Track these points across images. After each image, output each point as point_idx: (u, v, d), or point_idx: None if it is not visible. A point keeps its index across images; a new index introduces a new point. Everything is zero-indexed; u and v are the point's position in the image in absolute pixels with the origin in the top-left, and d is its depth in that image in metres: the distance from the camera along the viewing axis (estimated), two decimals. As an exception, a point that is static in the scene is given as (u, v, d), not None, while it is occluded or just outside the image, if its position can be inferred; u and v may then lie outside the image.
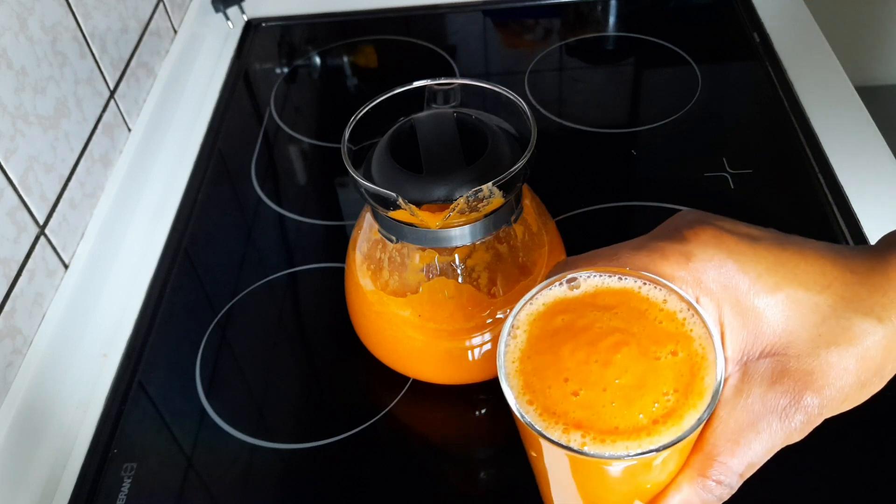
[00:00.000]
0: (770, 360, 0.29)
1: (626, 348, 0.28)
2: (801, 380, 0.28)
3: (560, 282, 0.30)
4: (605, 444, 0.26)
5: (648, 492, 0.30)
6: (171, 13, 0.79)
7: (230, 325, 0.56)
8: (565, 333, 0.28)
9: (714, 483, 0.30)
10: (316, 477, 0.47)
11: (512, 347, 0.29)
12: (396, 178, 0.42)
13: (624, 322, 0.28)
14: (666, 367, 0.27)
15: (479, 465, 0.48)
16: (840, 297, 0.29)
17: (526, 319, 0.29)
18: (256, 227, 0.64)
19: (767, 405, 0.29)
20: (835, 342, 0.28)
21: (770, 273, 0.29)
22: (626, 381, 0.27)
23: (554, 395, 0.27)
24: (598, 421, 0.26)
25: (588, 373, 0.27)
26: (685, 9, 0.86)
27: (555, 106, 0.73)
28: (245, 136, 0.73)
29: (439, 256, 0.44)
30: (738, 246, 0.29)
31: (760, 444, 0.29)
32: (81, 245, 0.59)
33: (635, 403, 0.27)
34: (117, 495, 0.47)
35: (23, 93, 0.53)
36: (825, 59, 0.73)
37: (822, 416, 0.29)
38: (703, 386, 0.27)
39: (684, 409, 0.27)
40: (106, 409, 0.52)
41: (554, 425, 0.27)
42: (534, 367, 0.28)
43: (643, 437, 0.26)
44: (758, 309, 0.29)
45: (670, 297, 0.29)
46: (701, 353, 0.28)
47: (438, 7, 0.87)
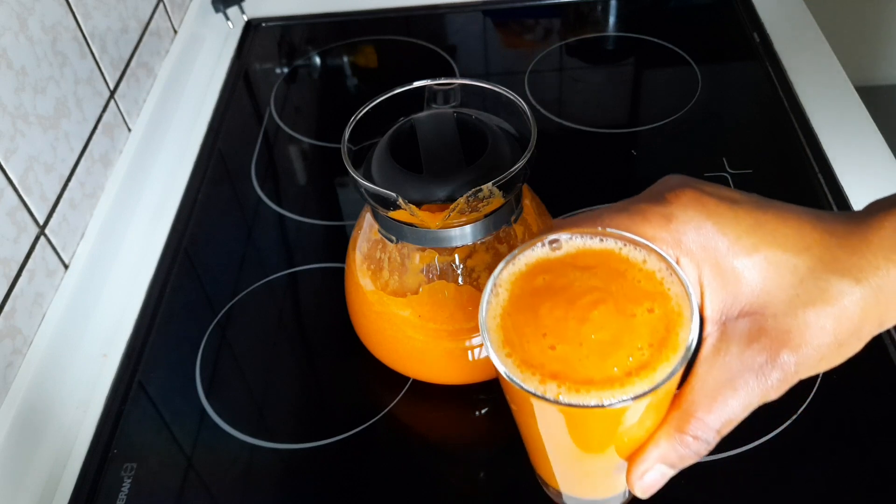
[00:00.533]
0: (748, 319, 0.30)
1: (603, 306, 0.28)
2: (778, 338, 0.29)
3: (542, 243, 0.31)
4: (580, 393, 0.27)
5: (626, 447, 0.31)
6: (171, 13, 0.79)
7: (230, 325, 0.56)
8: (545, 292, 0.29)
9: (691, 438, 0.30)
10: (316, 477, 0.47)
11: (494, 304, 0.30)
12: (396, 178, 0.42)
13: (602, 281, 0.29)
14: (642, 323, 0.28)
15: (479, 465, 0.48)
16: (818, 258, 0.29)
17: (508, 279, 0.30)
18: (256, 227, 0.64)
19: (745, 363, 0.29)
20: (812, 302, 0.29)
21: (749, 234, 0.29)
22: (602, 337, 0.28)
23: (532, 350, 0.28)
24: (574, 373, 0.27)
25: (565, 329, 0.28)
26: (685, 9, 0.86)
27: (555, 106, 0.73)
28: (245, 136, 0.73)
29: (439, 256, 0.44)
30: (717, 208, 0.30)
31: (737, 401, 0.30)
32: (81, 245, 0.59)
33: (610, 357, 0.27)
34: (117, 495, 0.47)
35: (23, 93, 0.53)
36: (825, 59, 0.73)
37: (798, 374, 0.30)
38: (678, 341, 0.28)
39: (658, 362, 0.27)
40: (106, 409, 0.52)
41: (531, 376, 0.27)
42: (514, 324, 0.29)
43: (616, 387, 0.27)
44: (736, 270, 0.29)
45: (650, 258, 0.30)
46: (677, 310, 0.28)
47: (438, 7, 0.87)
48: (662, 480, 0.32)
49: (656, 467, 0.31)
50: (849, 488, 0.44)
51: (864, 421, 0.47)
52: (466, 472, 0.47)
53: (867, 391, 0.48)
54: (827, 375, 0.48)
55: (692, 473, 0.44)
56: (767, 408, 0.47)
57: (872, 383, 0.48)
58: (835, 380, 0.48)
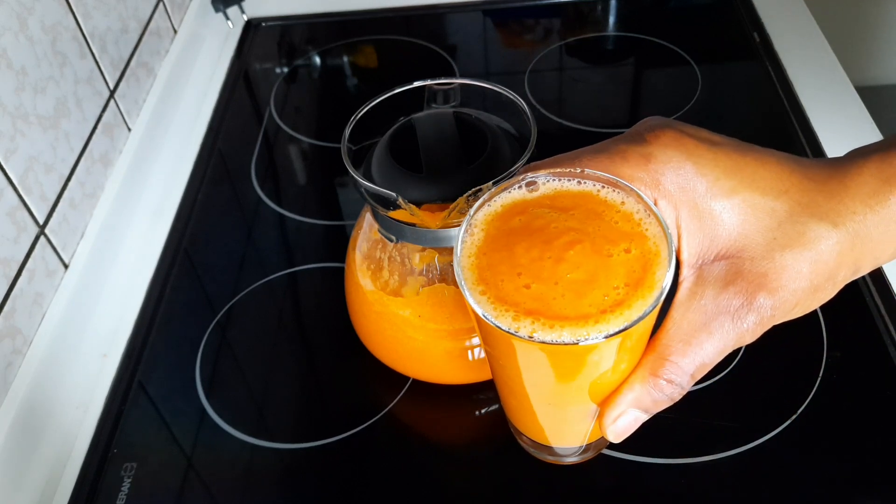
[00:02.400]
0: (725, 262, 0.29)
1: (579, 246, 0.28)
2: (755, 281, 0.29)
3: (519, 185, 0.30)
4: (554, 329, 0.26)
5: (599, 390, 0.31)
6: (171, 13, 0.79)
7: (230, 325, 0.56)
8: (521, 233, 0.29)
9: (665, 382, 0.30)
10: (316, 477, 0.47)
11: (468, 244, 0.29)
12: (396, 177, 0.42)
13: (579, 223, 0.29)
14: (618, 263, 0.28)
15: (479, 465, 0.48)
16: (796, 202, 0.29)
17: (483, 219, 0.30)
18: (256, 227, 0.64)
19: (720, 306, 0.29)
20: (789, 245, 0.29)
21: (728, 177, 0.29)
22: (578, 276, 0.27)
23: (506, 288, 0.28)
24: (548, 311, 0.27)
25: (541, 268, 0.28)
26: (685, 9, 0.86)
27: (555, 106, 0.73)
28: (245, 136, 0.73)
29: (439, 256, 0.44)
30: (697, 149, 0.29)
31: (712, 345, 0.29)
32: (81, 245, 0.59)
33: (586, 296, 0.27)
34: (117, 495, 0.47)
35: (23, 93, 0.53)
36: (825, 59, 0.73)
37: (773, 318, 0.29)
38: (654, 279, 0.27)
39: (633, 300, 0.27)
40: (106, 409, 0.52)
41: (504, 313, 0.27)
42: (489, 263, 0.28)
43: (591, 324, 0.26)
44: (714, 212, 0.29)
45: (628, 199, 0.29)
46: (654, 250, 0.28)
47: (438, 7, 0.87)
48: (635, 425, 0.31)
49: (629, 411, 0.31)
50: (849, 488, 0.44)
51: (864, 421, 0.47)
52: (466, 472, 0.47)
53: (867, 391, 0.48)
54: (827, 375, 0.48)
55: (692, 473, 0.44)
56: (767, 408, 0.47)
57: (872, 383, 0.48)
58: (835, 379, 0.48)
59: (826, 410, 0.47)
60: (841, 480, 0.44)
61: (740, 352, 0.50)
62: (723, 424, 0.47)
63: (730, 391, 0.48)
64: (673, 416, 0.48)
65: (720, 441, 0.46)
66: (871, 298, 0.52)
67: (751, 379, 0.49)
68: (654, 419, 0.48)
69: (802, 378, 0.48)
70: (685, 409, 0.49)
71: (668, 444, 0.46)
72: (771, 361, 0.50)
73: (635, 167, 0.29)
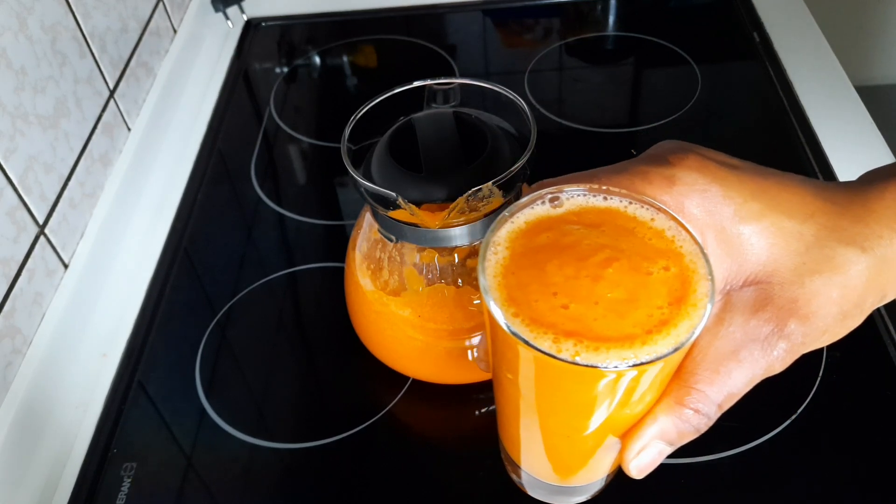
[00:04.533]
0: (753, 288, 0.29)
1: (616, 263, 0.26)
2: (785, 307, 0.28)
3: (542, 200, 0.29)
4: (599, 351, 0.25)
5: (625, 420, 0.29)
6: (171, 13, 0.79)
7: (230, 325, 0.56)
8: (550, 250, 0.27)
9: (692, 412, 0.29)
10: (316, 477, 0.47)
11: (493, 262, 0.27)
12: (396, 177, 0.42)
13: (612, 239, 0.27)
14: (658, 281, 0.26)
15: (479, 465, 0.48)
16: (822, 226, 0.28)
17: (507, 237, 0.28)
18: (256, 227, 0.64)
19: (749, 333, 0.28)
20: (818, 270, 0.28)
21: (755, 200, 0.28)
22: (618, 295, 0.26)
23: (541, 308, 0.26)
24: (589, 332, 0.25)
25: (578, 287, 0.26)
26: (685, 9, 0.86)
27: (555, 106, 0.73)
28: (245, 136, 0.73)
29: (439, 256, 0.44)
30: (721, 172, 0.29)
31: (741, 374, 0.28)
32: (81, 245, 0.59)
33: (628, 316, 0.25)
34: (117, 495, 0.47)
35: (22, 92, 0.53)
36: (825, 59, 0.73)
37: (804, 345, 0.28)
38: (697, 297, 0.26)
39: (678, 318, 0.25)
40: (106, 408, 0.52)
41: (543, 336, 0.25)
42: (518, 282, 0.27)
43: (637, 345, 0.25)
44: (742, 236, 0.28)
45: (658, 216, 0.28)
46: (692, 267, 0.27)
47: (438, 7, 0.87)
48: (659, 459, 0.30)
49: (653, 444, 0.29)
50: (848, 488, 0.43)
51: (864, 421, 0.47)
52: (466, 472, 0.47)
53: (867, 391, 0.48)
54: (827, 375, 0.48)
55: (692, 473, 0.44)
56: (767, 408, 0.47)
57: (872, 383, 0.48)
58: (835, 379, 0.48)
59: (826, 410, 0.47)
60: (841, 480, 0.44)
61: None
62: (723, 424, 0.47)
63: (730, 391, 0.48)
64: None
65: (720, 441, 0.46)
66: (871, 298, 0.52)
67: (751, 379, 0.49)
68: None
69: (802, 378, 0.48)
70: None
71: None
72: (771, 361, 0.50)
73: (658, 189, 0.29)
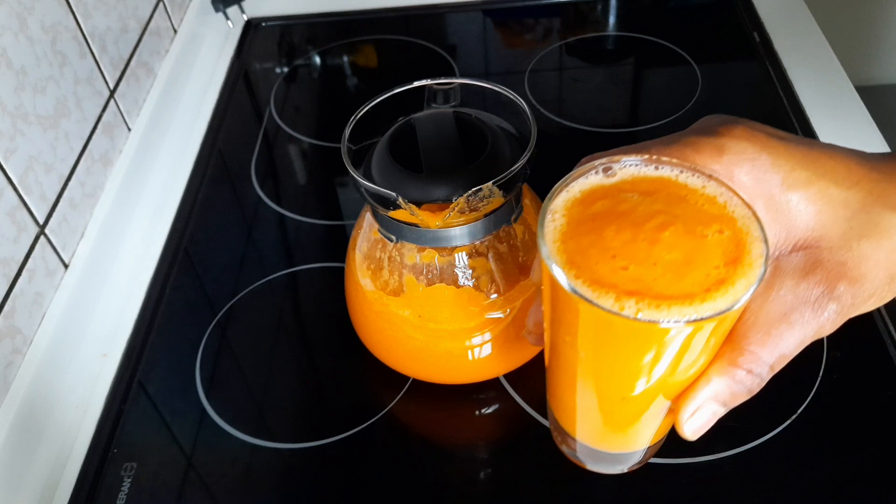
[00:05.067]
0: (802, 253, 0.30)
1: (672, 227, 0.27)
2: (834, 270, 0.29)
3: (595, 171, 0.30)
4: (660, 309, 0.26)
5: (680, 383, 0.30)
6: (171, 13, 0.79)
7: (230, 325, 0.56)
8: (607, 216, 0.28)
9: (745, 373, 0.29)
10: (316, 477, 0.47)
11: (551, 229, 0.28)
12: (396, 177, 0.42)
13: (666, 206, 0.28)
14: (713, 244, 0.27)
15: (479, 465, 0.48)
16: (868, 192, 0.29)
17: (563, 205, 0.29)
18: (256, 226, 0.64)
19: (800, 296, 0.29)
20: (866, 234, 0.29)
21: (802, 168, 0.29)
22: (675, 257, 0.27)
23: (602, 270, 0.27)
24: (650, 291, 0.26)
25: (636, 250, 0.27)
26: (685, 9, 0.86)
27: (555, 106, 0.73)
28: (245, 136, 0.73)
29: (439, 256, 0.44)
30: (769, 141, 0.30)
31: (792, 335, 0.29)
32: (81, 245, 0.59)
33: (686, 276, 0.26)
34: (117, 495, 0.47)
35: (23, 92, 0.53)
36: (825, 59, 0.73)
37: (853, 307, 0.29)
38: (752, 258, 0.27)
39: (735, 278, 0.26)
40: (106, 408, 0.52)
41: (605, 295, 0.26)
42: (577, 247, 0.28)
43: (696, 303, 0.26)
44: (790, 203, 0.29)
45: (709, 184, 0.29)
46: (746, 230, 0.28)
47: (438, 7, 0.87)
48: (713, 420, 0.31)
49: (707, 405, 0.30)
50: (849, 488, 0.43)
51: (864, 421, 0.47)
52: (466, 472, 0.47)
53: (867, 391, 0.48)
54: (827, 375, 0.48)
55: (692, 473, 0.44)
56: (767, 408, 0.47)
57: (872, 383, 0.48)
58: (835, 379, 0.48)
59: (826, 410, 0.47)
60: (841, 480, 0.44)
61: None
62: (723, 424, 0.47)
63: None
64: (673, 416, 0.48)
65: (720, 441, 0.46)
66: (871, 298, 0.52)
67: (751, 379, 0.49)
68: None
69: (802, 378, 0.48)
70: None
71: (669, 444, 0.46)
72: (771, 361, 0.50)
73: (708, 158, 0.29)
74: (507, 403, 0.49)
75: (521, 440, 0.48)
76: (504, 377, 0.51)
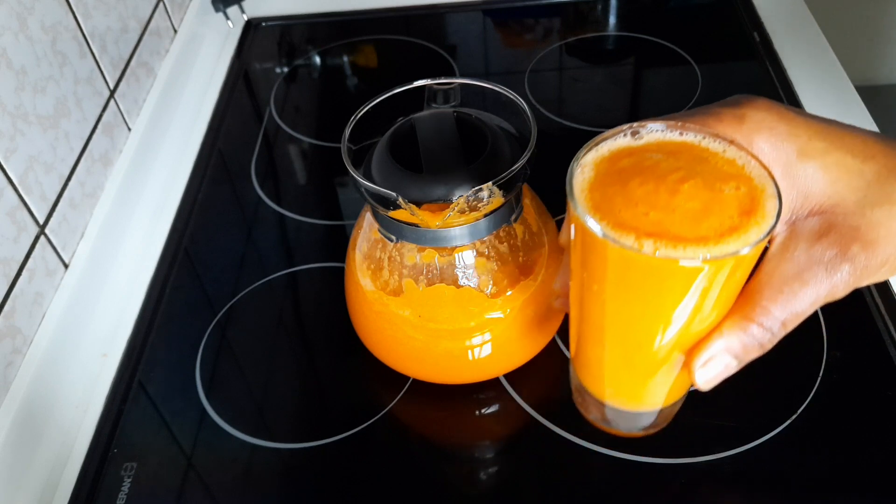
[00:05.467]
0: (818, 217, 0.31)
1: (692, 181, 0.29)
2: (848, 234, 0.30)
3: (623, 133, 0.32)
4: (676, 249, 0.28)
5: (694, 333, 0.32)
6: (171, 13, 0.79)
7: (230, 325, 0.56)
8: (632, 171, 0.30)
9: (756, 327, 0.31)
10: (316, 477, 0.47)
11: (580, 181, 0.31)
12: (396, 177, 0.42)
13: (688, 164, 0.30)
14: (730, 197, 0.29)
15: (479, 465, 0.48)
16: (883, 165, 0.31)
17: (592, 161, 0.31)
18: (256, 226, 0.64)
19: (814, 257, 0.31)
20: (879, 203, 0.30)
21: (819, 139, 0.31)
22: (694, 206, 0.29)
23: (624, 216, 0.29)
24: (668, 234, 0.28)
25: (657, 199, 0.29)
26: (685, 9, 0.86)
27: (555, 105, 0.73)
28: (245, 136, 0.73)
29: (439, 256, 0.44)
30: (788, 113, 0.31)
31: (805, 294, 0.31)
32: (81, 245, 0.59)
33: (702, 223, 0.28)
34: (117, 495, 0.47)
35: (23, 92, 0.53)
36: (825, 59, 0.73)
37: (866, 270, 0.31)
38: (765, 211, 0.29)
39: (748, 226, 0.28)
40: (106, 408, 0.52)
41: (626, 235, 0.28)
42: (603, 196, 0.30)
43: (710, 245, 0.28)
44: (808, 170, 0.31)
45: (729, 148, 0.31)
46: (761, 188, 0.29)
47: (438, 7, 0.87)
48: (725, 373, 0.32)
49: (720, 356, 0.32)
50: (848, 488, 0.44)
51: (864, 421, 0.47)
52: (466, 472, 0.47)
53: (867, 391, 0.48)
54: (827, 375, 0.48)
55: (692, 473, 0.44)
56: (767, 408, 0.47)
57: (872, 383, 0.48)
58: (835, 379, 0.48)
59: (826, 410, 0.47)
60: (841, 480, 0.44)
61: (740, 352, 0.50)
62: (723, 424, 0.47)
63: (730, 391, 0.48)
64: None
65: (720, 441, 0.46)
66: (871, 298, 0.52)
67: (751, 379, 0.49)
68: (655, 419, 0.48)
69: (802, 378, 0.48)
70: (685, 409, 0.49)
71: (669, 444, 0.46)
72: (771, 361, 0.50)
73: (729, 127, 0.31)
74: (507, 403, 0.49)
75: (521, 440, 0.48)
76: (504, 377, 0.51)
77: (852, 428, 0.46)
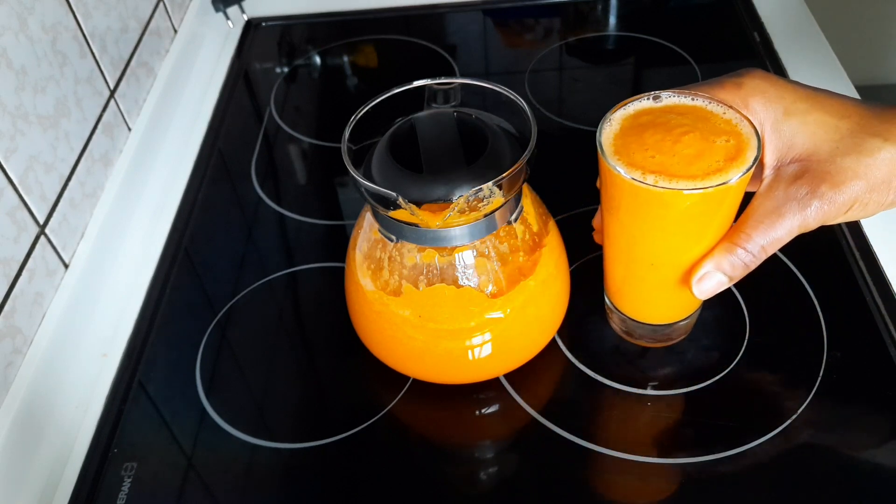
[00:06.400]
0: (797, 164, 0.38)
1: (691, 134, 0.38)
2: (819, 176, 0.37)
3: (647, 97, 0.41)
4: (671, 182, 0.37)
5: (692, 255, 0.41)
6: (171, 13, 0.79)
7: (230, 325, 0.56)
8: (648, 126, 0.40)
9: (742, 250, 0.39)
10: (316, 477, 0.47)
11: (608, 132, 0.40)
12: (396, 177, 0.42)
13: (692, 121, 0.39)
14: (720, 147, 0.38)
15: (479, 465, 0.48)
16: (856, 123, 0.37)
17: (619, 118, 0.41)
18: (256, 227, 0.64)
19: (790, 195, 0.38)
20: (848, 153, 0.37)
21: (803, 101, 0.38)
22: (690, 152, 0.38)
23: (636, 158, 0.38)
24: (666, 171, 0.37)
25: (663, 146, 0.38)
26: (685, 9, 0.86)
27: (555, 105, 0.73)
28: (245, 136, 0.73)
29: (439, 256, 0.44)
30: (779, 81, 0.39)
31: (782, 224, 0.38)
32: (81, 245, 0.59)
33: (694, 164, 0.37)
34: (117, 495, 0.47)
35: (23, 92, 0.53)
36: (825, 59, 0.73)
37: (832, 205, 0.37)
38: (746, 158, 0.37)
39: (730, 169, 0.37)
40: (106, 408, 0.52)
41: (634, 171, 0.38)
42: (622, 143, 0.39)
43: (699, 181, 0.37)
44: (792, 126, 0.38)
45: (728, 111, 0.39)
46: (747, 142, 0.38)
47: (438, 7, 0.87)
48: (717, 287, 0.41)
49: (712, 273, 0.40)
50: (848, 488, 0.43)
51: (864, 421, 0.47)
52: (466, 472, 0.47)
53: (867, 391, 0.48)
54: (827, 375, 0.48)
55: (692, 473, 0.44)
56: (767, 407, 0.47)
57: (872, 383, 0.48)
58: (835, 379, 0.48)
59: (826, 410, 0.47)
60: (840, 481, 0.44)
61: (740, 351, 0.50)
62: (723, 424, 0.47)
63: (730, 391, 0.48)
64: (673, 416, 0.48)
65: (720, 441, 0.46)
66: (871, 298, 0.52)
67: (751, 379, 0.49)
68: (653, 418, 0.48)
69: (802, 378, 0.48)
70: (685, 409, 0.49)
71: (669, 444, 0.46)
72: (771, 361, 0.50)
73: (728, 92, 0.39)
74: (507, 403, 0.49)
75: (521, 440, 0.48)
76: (504, 377, 0.51)
77: (852, 428, 0.46)
